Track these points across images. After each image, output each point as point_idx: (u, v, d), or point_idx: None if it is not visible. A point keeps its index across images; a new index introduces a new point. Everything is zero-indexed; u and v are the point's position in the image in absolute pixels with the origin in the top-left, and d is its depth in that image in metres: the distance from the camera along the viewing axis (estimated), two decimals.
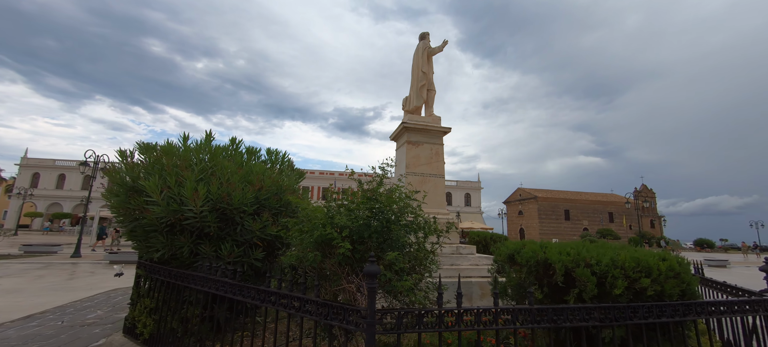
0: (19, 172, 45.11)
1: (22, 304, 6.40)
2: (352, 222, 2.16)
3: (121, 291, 7.72)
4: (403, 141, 6.89)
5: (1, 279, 9.10)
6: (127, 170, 3.36)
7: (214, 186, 3.23)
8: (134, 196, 3.34)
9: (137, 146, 3.94)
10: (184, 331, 3.39)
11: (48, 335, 4.63)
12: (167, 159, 3.48)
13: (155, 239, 3.26)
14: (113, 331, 4.86)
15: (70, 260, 14.20)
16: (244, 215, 3.57)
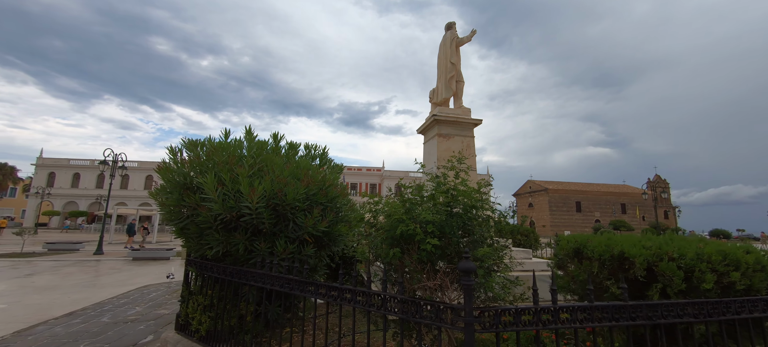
0: (36, 172, 46.06)
1: (60, 301, 6.51)
2: (434, 217, 2.08)
3: (154, 287, 7.81)
4: (433, 134, 6.77)
5: (34, 276, 9.28)
6: (181, 168, 3.31)
7: (267, 182, 3.17)
8: (188, 194, 3.30)
9: (183, 143, 3.90)
10: (240, 328, 3.37)
11: (94, 332, 4.68)
12: (217, 155, 3.43)
13: (211, 237, 3.22)
14: (157, 327, 4.90)
15: (94, 257, 14.46)
16: (296, 211, 3.52)
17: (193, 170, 3.41)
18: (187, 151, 3.76)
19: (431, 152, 6.77)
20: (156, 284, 8.19)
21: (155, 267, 11.64)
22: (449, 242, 2.17)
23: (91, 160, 46.66)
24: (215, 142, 3.67)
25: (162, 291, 7.29)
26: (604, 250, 2.77)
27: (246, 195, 3.06)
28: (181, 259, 13.97)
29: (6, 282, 8.29)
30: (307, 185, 3.60)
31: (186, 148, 3.84)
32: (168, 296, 6.90)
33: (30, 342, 4.32)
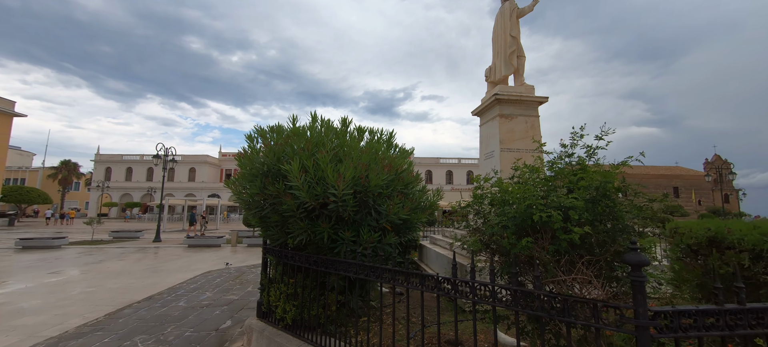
0: (95, 167, 50.54)
1: (136, 285, 6.97)
2: (577, 203, 1.79)
3: (215, 273, 8.18)
4: (493, 115, 6.34)
5: (107, 262, 10.10)
6: (265, 155, 3.24)
7: (350, 169, 3.01)
8: (270, 182, 3.23)
9: (257, 130, 3.85)
10: (325, 317, 3.30)
11: (176, 316, 4.90)
12: (296, 141, 3.33)
13: (295, 225, 3.14)
14: (232, 312, 5.05)
15: (153, 244, 15.56)
16: (377, 198, 3.36)
17: (273, 157, 3.32)
18: (261, 139, 3.69)
19: (491, 135, 6.35)
20: (217, 270, 8.57)
21: (209, 253, 12.26)
22: (593, 231, 1.86)
23: (140, 154, 50.30)
24: (294, 129, 3.56)
25: (225, 277, 7.59)
26: (758, 240, 2.33)
27: (332, 181, 2.92)
28: (231, 246, 14.67)
29: (86, 267, 9.07)
30: (388, 171, 3.41)
31: (260, 136, 3.77)
32: (231, 282, 7.16)
33: (121, 324, 4.59)
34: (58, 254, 11.72)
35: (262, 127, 3.89)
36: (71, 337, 4.12)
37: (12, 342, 4.03)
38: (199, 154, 50.35)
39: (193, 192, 46.14)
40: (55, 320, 4.80)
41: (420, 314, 4.43)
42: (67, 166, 47.63)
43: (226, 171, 53.69)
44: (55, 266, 9.34)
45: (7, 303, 5.63)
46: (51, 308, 5.37)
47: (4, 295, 6.15)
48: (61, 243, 13.86)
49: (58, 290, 6.51)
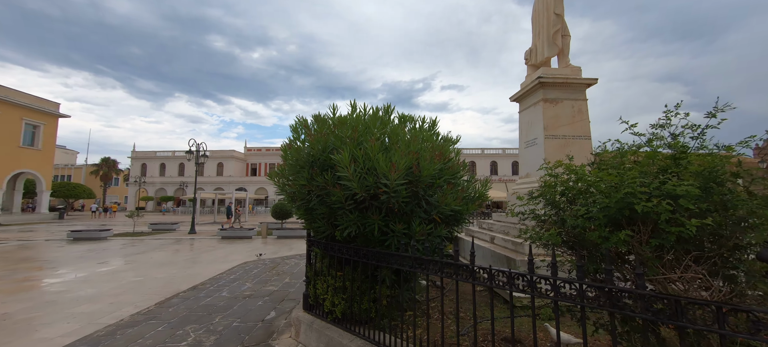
0: (132, 164, 53.58)
1: (179, 275, 7.24)
2: (691, 191, 1.54)
3: (251, 264, 8.37)
4: (535, 100, 5.97)
5: (151, 253, 10.61)
6: (311, 146, 3.15)
7: (403, 158, 2.86)
8: (317, 173, 3.15)
9: (298, 120, 3.77)
10: (375, 311, 3.21)
11: (221, 306, 5.01)
12: (343, 130, 3.21)
13: (345, 217, 3.05)
14: (274, 303, 5.10)
15: (189, 236, 16.25)
16: (428, 188, 3.20)
17: (319, 148, 3.23)
18: (305, 130, 3.61)
19: (533, 121, 5.99)
20: (253, 261, 8.77)
21: (241, 245, 12.62)
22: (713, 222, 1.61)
23: (172, 151, 52.70)
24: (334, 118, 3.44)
25: (261, 269, 7.74)
26: None
27: (385, 171, 2.78)
28: (261, 238, 15.06)
29: (131, 257, 9.56)
30: (439, 159, 3.23)
31: (303, 126, 3.69)
32: (268, 273, 7.29)
33: (171, 313, 4.74)
34: (104, 245, 12.47)
35: (304, 118, 3.80)
36: (127, 325, 4.28)
37: (74, 328, 4.24)
38: (226, 150, 52.08)
39: (222, 186, 47.93)
40: (110, 308, 5.04)
41: (465, 309, 4.27)
42: (107, 162, 50.76)
43: (252, 165, 55.30)
44: (103, 256, 9.92)
45: (67, 291, 5.98)
46: (105, 296, 5.65)
47: (63, 283, 6.55)
48: (106, 235, 14.75)
49: (109, 279, 6.87)
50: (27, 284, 6.58)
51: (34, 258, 9.77)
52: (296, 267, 7.88)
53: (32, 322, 4.47)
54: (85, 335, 3.98)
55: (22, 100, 27.55)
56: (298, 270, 7.55)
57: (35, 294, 5.87)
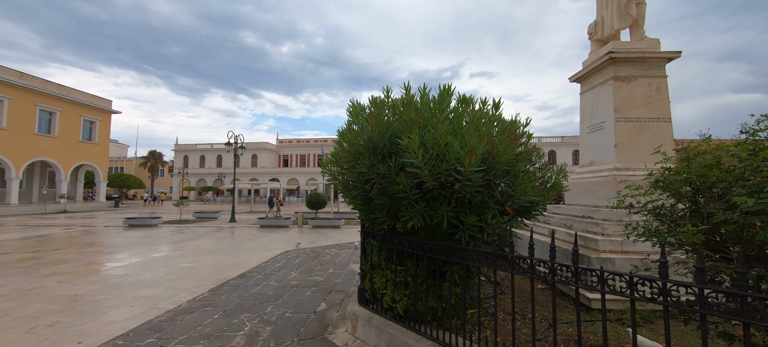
0: (175, 156, 57.25)
1: (227, 263, 7.44)
2: None
3: (293, 253, 8.45)
4: (603, 78, 5.32)
5: (198, 240, 11.11)
6: (372, 131, 2.91)
7: (482, 142, 2.53)
8: (379, 160, 2.90)
9: (352, 105, 3.55)
10: (442, 310, 2.95)
11: (271, 295, 5.00)
12: (407, 113, 2.94)
13: (410, 208, 2.79)
14: (322, 294, 5.01)
15: (229, 224, 16.95)
16: (506, 176, 2.86)
17: (382, 133, 2.97)
18: (360, 114, 3.36)
19: (600, 102, 5.36)
20: (293, 251, 8.86)
21: (280, 233, 12.90)
22: None
23: (211, 143, 55.54)
24: (403, 98, 3.16)
25: (303, 258, 7.77)
26: None
27: (459, 156, 2.48)
28: (297, 227, 15.36)
29: (180, 244, 10.05)
30: (515, 143, 2.86)
31: (358, 110, 3.45)
32: (311, 263, 7.29)
33: (224, 300, 4.79)
34: (156, 232, 13.28)
35: (359, 102, 3.56)
36: (185, 311, 4.36)
37: (137, 312, 4.39)
38: (259, 142, 54.01)
39: (256, 177, 49.93)
40: (167, 293, 5.21)
41: (526, 307, 3.90)
42: (154, 155, 54.54)
43: (283, 156, 56.99)
44: (155, 242, 10.53)
45: (128, 275, 6.32)
46: (161, 282, 5.88)
47: (124, 267, 6.95)
48: (157, 223, 15.74)
49: (164, 265, 7.20)
50: (93, 267, 7.05)
51: (98, 242, 10.57)
52: (337, 258, 7.83)
53: (100, 304, 4.70)
54: (148, 319, 4.10)
55: (81, 98, 30.04)
56: (340, 261, 7.49)
57: (101, 277, 6.25)
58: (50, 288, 5.45)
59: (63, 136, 28.42)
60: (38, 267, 6.99)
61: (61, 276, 6.27)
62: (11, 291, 5.31)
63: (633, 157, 4.97)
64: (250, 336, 3.56)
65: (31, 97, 26.14)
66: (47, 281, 5.89)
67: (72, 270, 6.74)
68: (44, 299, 4.92)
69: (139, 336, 3.62)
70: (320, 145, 54.45)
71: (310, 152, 55.32)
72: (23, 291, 5.30)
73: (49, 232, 13.15)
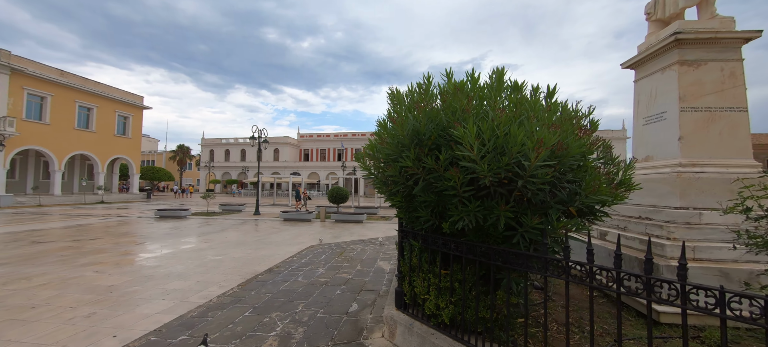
0: (202, 150, 59.35)
1: (254, 256, 7.42)
2: None
3: (318, 248, 8.35)
4: (666, 63, 4.75)
5: (225, 232, 11.29)
6: (417, 120, 2.61)
7: (554, 133, 2.18)
8: (424, 153, 2.61)
9: (390, 92, 3.26)
10: (494, 321, 2.63)
11: (301, 293, 4.86)
12: (457, 100, 2.62)
13: (461, 207, 2.48)
14: (353, 293, 4.81)
15: (254, 217, 17.23)
16: (574, 171, 2.50)
17: (430, 122, 2.67)
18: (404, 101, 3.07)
19: (662, 90, 4.79)
20: (319, 246, 8.76)
21: (303, 227, 12.91)
22: None
23: (235, 138, 57.09)
24: (453, 84, 2.84)
25: (329, 254, 7.64)
26: None
27: (525, 149, 2.14)
28: (320, 221, 15.37)
29: (208, 236, 10.21)
30: (585, 135, 2.49)
31: (397, 100, 3.16)
32: (337, 259, 7.13)
33: (254, 296, 4.69)
34: (185, 223, 13.65)
35: (398, 90, 3.27)
36: (215, 307, 4.28)
37: (169, 306, 4.36)
38: (281, 136, 54.95)
39: (278, 171, 50.90)
40: (198, 286, 5.18)
41: (578, 316, 3.51)
42: (182, 149, 56.74)
43: (304, 151, 57.76)
44: (185, 233, 10.77)
45: (159, 267, 6.39)
46: (192, 274, 5.89)
47: (156, 259, 7.07)
48: (186, 214, 16.22)
49: (194, 257, 7.26)
50: (127, 257, 7.22)
51: (131, 233, 10.95)
52: (363, 255, 7.64)
53: (133, 296, 4.72)
54: (179, 314, 4.04)
55: (115, 94, 31.52)
56: (366, 258, 7.29)
57: (134, 268, 6.36)
58: (88, 278, 5.58)
59: (100, 131, 29.98)
60: (77, 256, 7.24)
61: (97, 265, 6.44)
62: (52, 280, 5.46)
63: (701, 151, 4.40)
64: (282, 338, 3.40)
65: (71, 93, 27.67)
66: (85, 271, 6.04)
67: (108, 260, 6.92)
68: (82, 289, 5.01)
69: (172, 332, 3.54)
70: (340, 139, 54.72)
71: (330, 146, 55.73)
72: (63, 280, 5.44)
73: (88, 222, 13.82)
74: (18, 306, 4.34)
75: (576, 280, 2.12)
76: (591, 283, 2.06)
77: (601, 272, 2.04)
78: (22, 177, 27.60)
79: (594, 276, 2.05)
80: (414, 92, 3.02)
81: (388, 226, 13.72)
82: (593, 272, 2.05)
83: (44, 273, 5.83)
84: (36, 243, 8.70)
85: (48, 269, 6.15)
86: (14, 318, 3.96)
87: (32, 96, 25.13)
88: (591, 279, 2.05)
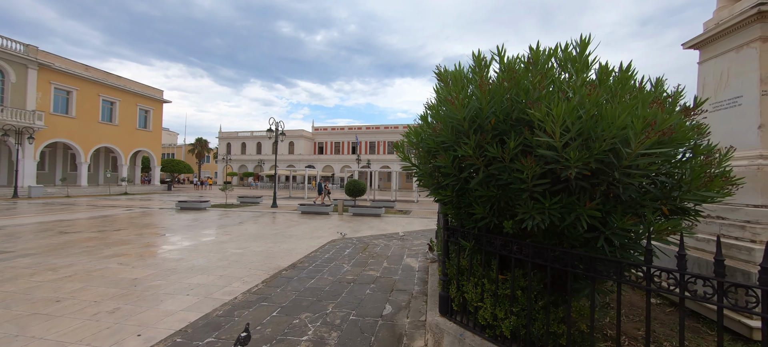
0: (219, 143, 60.39)
1: (275, 250, 7.24)
2: None
3: (339, 242, 8.10)
4: (741, 40, 4.15)
5: (244, 224, 11.22)
6: (485, 99, 2.21)
7: (670, 116, 1.76)
8: (486, 139, 2.22)
9: (438, 71, 2.86)
10: (568, 338, 2.24)
11: (329, 291, 4.59)
12: (534, 75, 2.21)
13: (533, 203, 2.09)
14: (385, 294, 4.50)
15: (271, 209, 17.22)
16: (672, 162, 2.07)
17: (494, 102, 2.26)
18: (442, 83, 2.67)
19: (736, 72, 4.20)
20: (340, 240, 8.51)
21: (321, 220, 12.72)
22: None
23: (251, 131, 57.76)
24: (512, 58, 2.43)
25: (352, 249, 7.36)
26: None
27: (627, 135, 1.72)
28: (338, 214, 15.18)
29: (228, 228, 10.14)
30: (687, 116, 2.04)
31: (444, 78, 2.77)
32: (362, 255, 6.85)
33: (280, 294, 4.45)
34: (205, 215, 13.71)
35: (445, 68, 2.87)
36: (241, 306, 4.06)
37: (194, 302, 4.17)
38: (296, 129, 55.19)
39: (293, 164, 51.26)
40: (221, 281, 5.00)
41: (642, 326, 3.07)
42: (200, 142, 57.92)
43: (319, 144, 57.89)
44: (205, 225, 10.76)
45: (182, 260, 6.27)
46: (214, 268, 5.72)
47: (179, 251, 6.97)
48: (205, 206, 16.35)
49: (215, 250, 7.13)
50: (151, 250, 7.15)
51: (154, 224, 11.02)
52: (388, 250, 7.32)
53: (157, 291, 4.56)
54: (204, 313, 3.83)
55: (136, 88, 32.19)
56: (392, 254, 6.97)
57: (157, 260, 6.25)
58: (112, 270, 5.49)
59: (122, 124, 30.75)
60: (102, 247, 7.23)
61: (121, 257, 6.38)
62: (78, 272, 5.40)
63: None
64: (316, 344, 3.11)
65: (95, 88, 28.40)
66: (109, 262, 5.98)
67: (131, 251, 6.87)
68: (106, 282, 4.90)
69: (198, 333, 3.32)
70: (354, 132, 54.50)
71: (344, 139, 55.63)
72: (88, 272, 5.37)
73: (113, 213, 14.08)
74: (43, 299, 4.24)
75: (647, 288, 1.73)
76: (682, 296, 1.66)
77: (693, 280, 1.66)
78: (51, 169, 28.68)
79: (686, 286, 1.65)
80: (478, 64, 2.60)
81: (407, 220, 13.38)
82: (685, 282, 1.65)
83: (70, 265, 5.79)
84: (63, 234, 8.81)
85: (74, 260, 6.12)
86: (38, 312, 3.84)
87: (59, 90, 25.91)
88: (681, 291, 1.64)
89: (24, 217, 12.15)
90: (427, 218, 14.54)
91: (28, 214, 13.06)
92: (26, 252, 6.70)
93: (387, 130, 53.28)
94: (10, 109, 22.20)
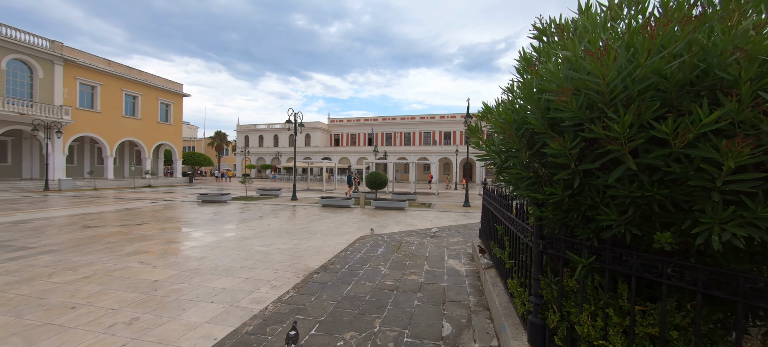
0: (237, 136, 61.13)
1: (301, 247, 6.72)
2: None
3: (369, 239, 7.50)
4: None
5: (265, 218, 10.83)
6: (643, 47, 1.47)
7: None
8: (622, 113, 1.50)
9: (541, 23, 2.12)
10: None
11: (370, 301, 3.98)
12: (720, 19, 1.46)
13: (732, 209, 1.37)
14: (436, 306, 3.84)
15: (291, 202, 16.88)
16: None
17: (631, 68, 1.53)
18: (543, 41, 1.93)
19: None
20: (370, 237, 7.92)
21: (345, 214, 12.19)
22: None
23: (268, 124, 58.08)
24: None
25: (385, 248, 6.75)
26: None
27: None
28: (360, 207, 14.64)
29: (250, 223, 9.75)
30: None
31: (560, 29, 2.02)
32: (396, 255, 6.22)
33: (315, 305, 3.88)
34: (226, 208, 13.46)
35: (557, 19, 2.11)
36: (273, 320, 3.51)
37: (219, 312, 3.67)
38: (312, 121, 55.04)
39: (310, 156, 51.23)
40: (248, 286, 4.49)
41: None
42: (219, 135, 58.83)
43: (335, 136, 57.62)
44: (227, 219, 10.43)
45: (205, 258, 5.84)
46: (239, 269, 5.25)
47: (201, 249, 6.56)
48: (226, 199, 16.18)
49: (239, 247, 6.69)
50: (173, 246, 6.78)
51: (176, 218, 10.79)
52: (424, 250, 6.66)
53: (179, 297, 4.09)
54: (232, 328, 3.30)
55: (157, 82, 32.57)
56: (430, 254, 6.31)
57: (179, 259, 5.84)
58: (132, 270, 5.09)
59: (145, 118, 31.26)
60: (124, 243, 6.92)
61: (143, 254, 6.02)
62: (97, 272, 5.03)
63: None
64: None
65: (118, 82, 28.86)
66: (130, 261, 5.60)
67: (153, 248, 6.52)
68: (126, 285, 4.48)
69: None
70: (370, 124, 53.83)
71: (360, 131, 55.09)
72: (108, 272, 4.99)
73: (136, 206, 14.07)
74: (58, 304, 3.84)
75: None
76: None
77: None
78: (79, 163, 29.56)
79: None
80: (596, 19, 1.84)
81: (434, 214, 12.67)
82: None
83: (90, 263, 5.45)
84: (86, 228, 8.63)
85: (94, 257, 5.80)
86: (51, 322, 3.42)
87: (84, 85, 26.43)
88: None
89: (52, 210, 12.23)
90: (452, 212, 13.80)
91: (56, 207, 13.19)
92: (48, 248, 6.45)
93: (403, 121, 52.33)
94: (39, 104, 22.76)
